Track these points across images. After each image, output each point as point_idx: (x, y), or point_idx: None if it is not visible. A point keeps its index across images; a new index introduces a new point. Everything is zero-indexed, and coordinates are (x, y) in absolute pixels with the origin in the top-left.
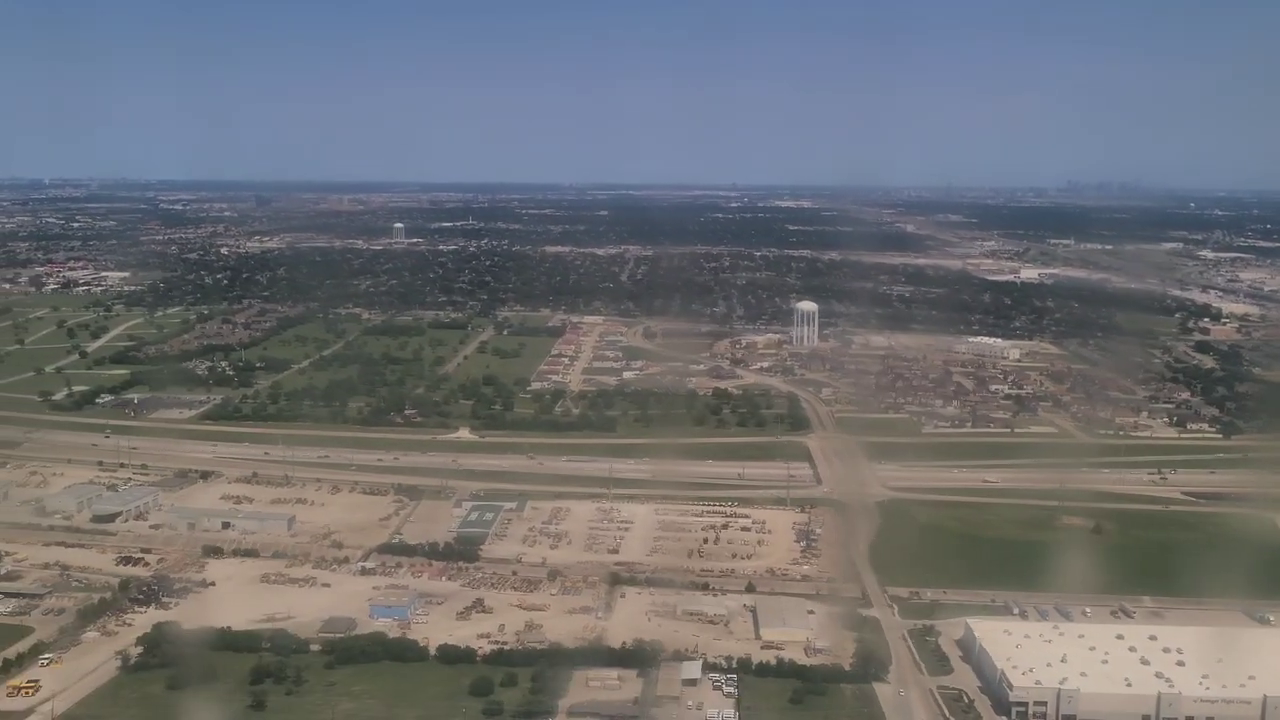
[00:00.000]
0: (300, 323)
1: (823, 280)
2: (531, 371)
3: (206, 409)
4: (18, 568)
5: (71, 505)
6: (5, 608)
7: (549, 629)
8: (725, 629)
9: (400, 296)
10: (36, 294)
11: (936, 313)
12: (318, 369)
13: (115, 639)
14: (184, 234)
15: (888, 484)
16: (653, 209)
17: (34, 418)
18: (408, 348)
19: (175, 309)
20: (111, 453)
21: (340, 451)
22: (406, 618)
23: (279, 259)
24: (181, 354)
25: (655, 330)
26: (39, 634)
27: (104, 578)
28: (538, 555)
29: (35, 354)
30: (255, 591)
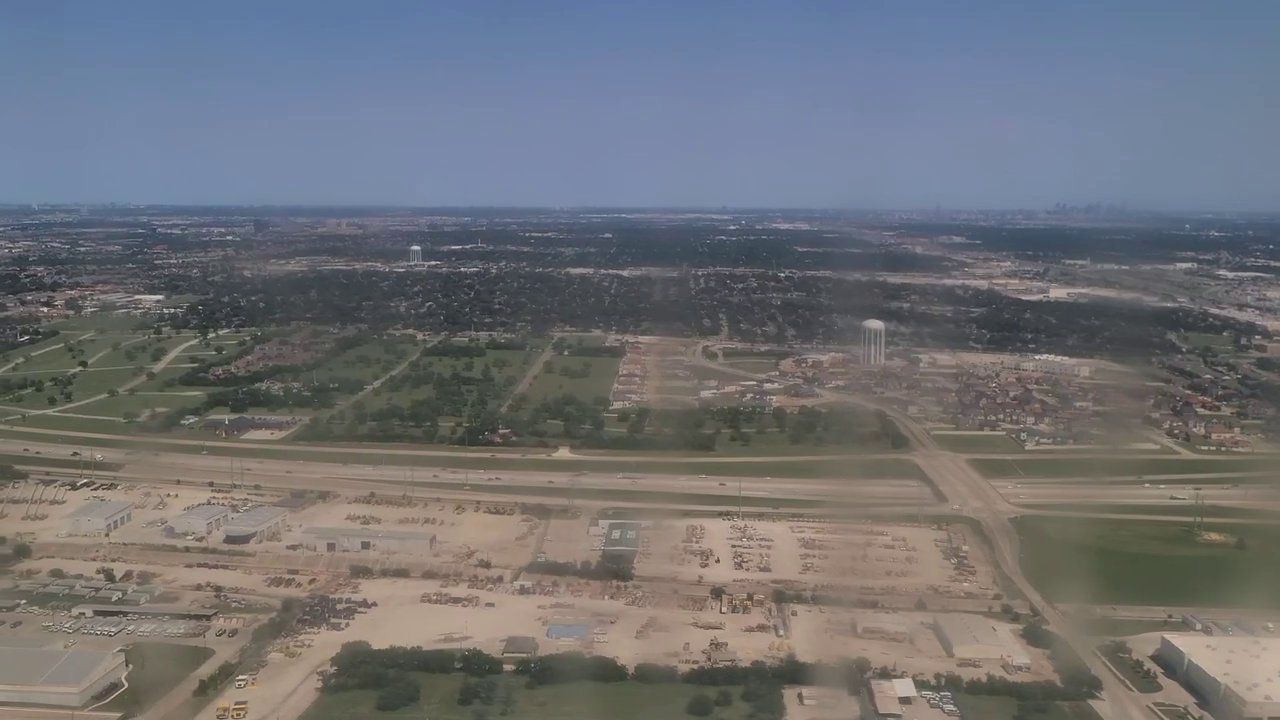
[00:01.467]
0: (357, 344)
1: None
2: (606, 391)
3: (295, 430)
4: (169, 589)
5: (201, 526)
6: (177, 629)
7: (734, 647)
8: (912, 646)
9: (446, 317)
10: (76, 317)
11: (987, 332)
12: (391, 389)
13: (300, 659)
14: (196, 258)
15: (1011, 500)
16: (654, 232)
17: (124, 439)
18: (474, 368)
19: (224, 331)
20: (221, 474)
21: (448, 471)
22: (586, 636)
23: (305, 281)
24: (252, 375)
25: (714, 350)
26: (220, 655)
27: (261, 598)
28: (691, 573)
29: (102, 376)
30: (420, 612)
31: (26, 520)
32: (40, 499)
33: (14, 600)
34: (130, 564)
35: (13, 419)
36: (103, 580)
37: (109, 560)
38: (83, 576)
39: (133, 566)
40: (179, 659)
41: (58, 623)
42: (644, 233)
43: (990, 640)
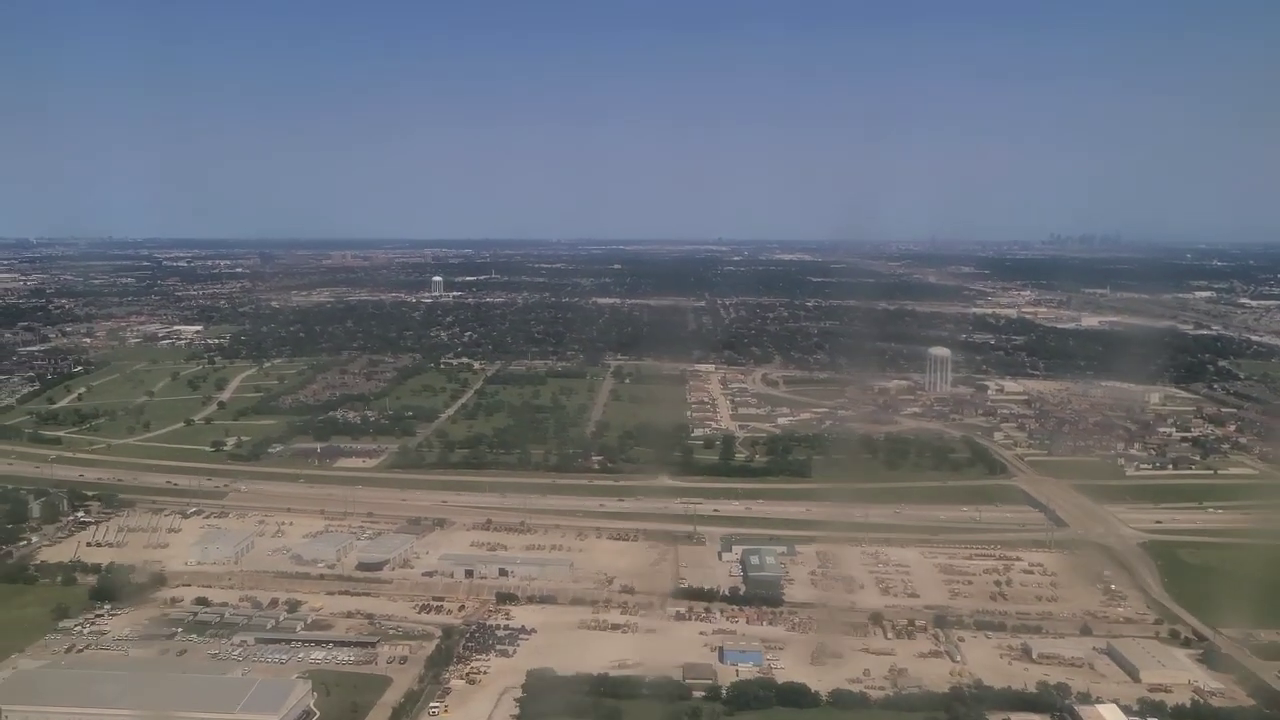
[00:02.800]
0: (415, 373)
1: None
2: (682, 418)
3: (386, 458)
4: (321, 616)
5: (330, 553)
6: (347, 656)
7: (916, 673)
8: (1093, 671)
9: (494, 347)
10: (121, 347)
11: (1039, 359)
12: (466, 417)
13: (482, 686)
14: (214, 289)
15: (1132, 525)
16: (660, 263)
17: (216, 468)
18: (541, 396)
19: (277, 360)
20: (324, 501)
21: (553, 498)
22: (761, 663)
23: (338, 312)
24: (324, 403)
25: (773, 378)
26: (400, 682)
27: (416, 625)
28: (840, 599)
29: (171, 406)
30: (582, 638)
31: (149, 548)
32: (156, 527)
33: (169, 629)
34: (268, 591)
35: (98, 448)
36: (250, 608)
37: (245, 588)
38: (229, 604)
39: (275, 594)
40: (360, 686)
41: (224, 651)
42: (651, 264)
43: (1174, 665)
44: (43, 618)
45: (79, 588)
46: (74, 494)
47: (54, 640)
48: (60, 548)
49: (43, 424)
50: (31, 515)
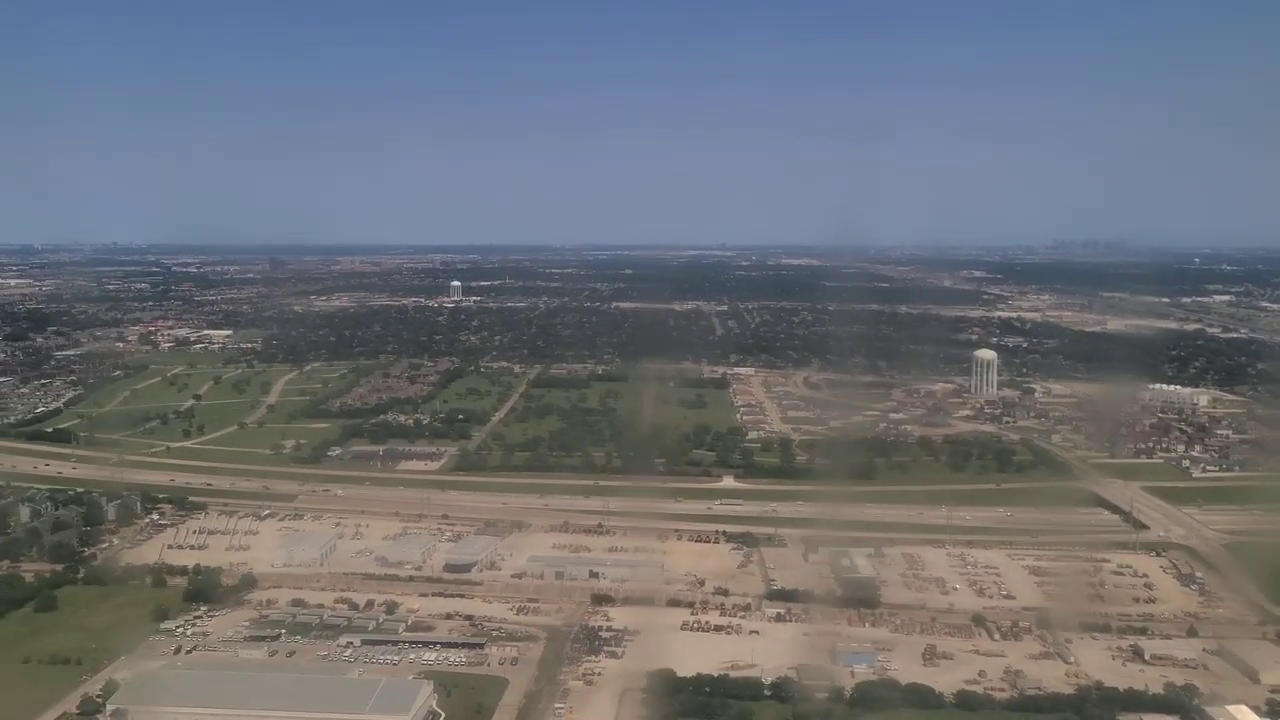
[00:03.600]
0: (457, 376)
1: (921, 332)
2: (732, 421)
3: (447, 461)
4: (420, 618)
5: (416, 555)
6: (459, 658)
7: (1033, 675)
8: (1209, 673)
9: (530, 351)
10: (155, 351)
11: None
12: (518, 420)
13: (600, 688)
14: (231, 294)
15: (1212, 527)
16: (670, 268)
17: (279, 470)
18: (587, 399)
19: (315, 364)
20: (394, 503)
21: (624, 501)
22: (875, 664)
23: (362, 316)
24: (374, 407)
25: (816, 381)
26: (517, 684)
27: (517, 627)
28: (937, 601)
29: (220, 409)
30: (687, 639)
31: (231, 551)
32: (234, 530)
33: (272, 630)
34: (359, 593)
35: (157, 451)
36: (347, 609)
37: (335, 590)
38: (324, 606)
39: (367, 596)
40: (477, 688)
41: (333, 652)
42: (661, 269)
43: None
44: (141, 619)
45: (169, 590)
46: (146, 497)
47: (158, 642)
48: (141, 550)
49: (95, 428)
50: (107, 518)
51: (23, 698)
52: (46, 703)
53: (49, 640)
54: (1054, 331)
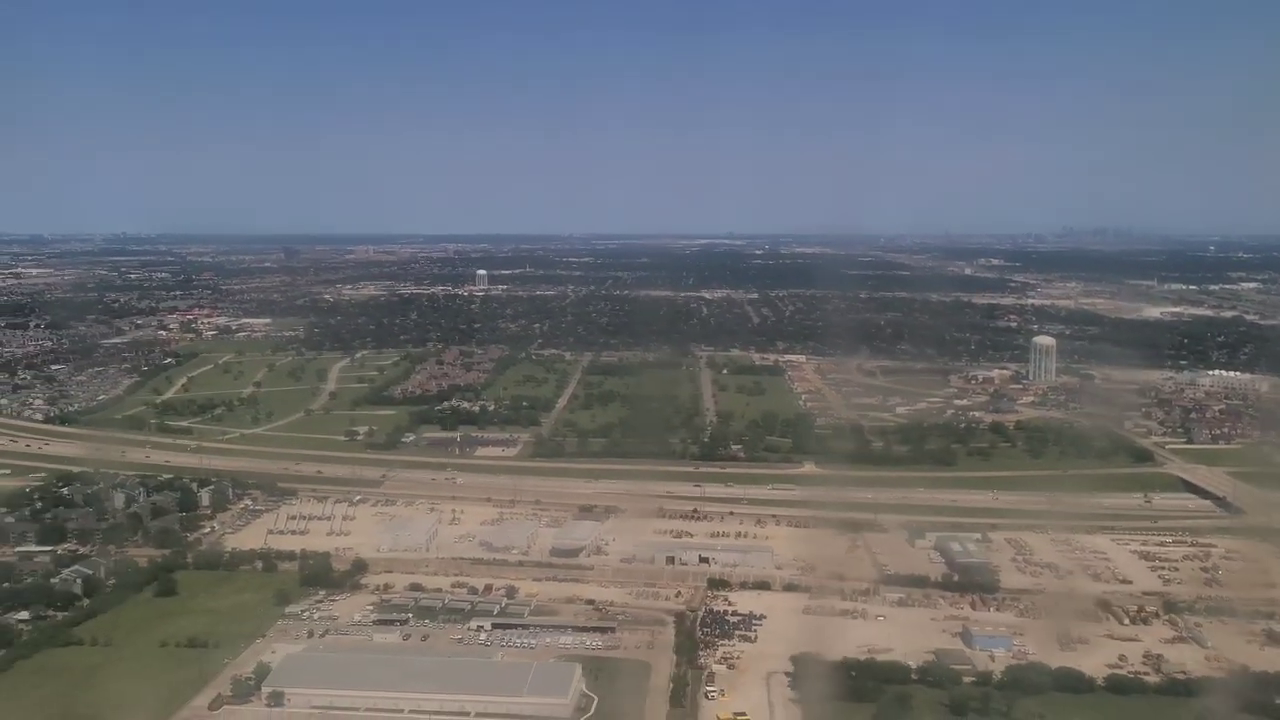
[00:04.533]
0: (510, 363)
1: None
2: (795, 408)
3: (522, 447)
4: (543, 603)
5: (521, 540)
6: (594, 641)
7: (1175, 660)
8: None
9: (576, 338)
10: (199, 340)
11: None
12: (580, 407)
13: (743, 671)
14: (253, 283)
15: None
16: (686, 256)
17: (358, 457)
18: (645, 386)
19: (363, 352)
20: (483, 489)
21: (709, 487)
22: (1011, 647)
23: (395, 304)
24: (437, 394)
25: (868, 368)
26: (658, 667)
27: (642, 611)
28: (1056, 586)
29: (282, 396)
30: (814, 623)
31: (332, 536)
32: (331, 515)
33: (398, 614)
34: (473, 578)
35: (230, 438)
36: (466, 594)
37: (445, 574)
38: (442, 590)
39: (485, 580)
40: (621, 671)
41: (467, 636)
42: (676, 257)
43: None
44: (264, 604)
45: (281, 575)
46: (236, 482)
47: (288, 626)
48: (242, 535)
49: (162, 415)
50: (201, 504)
51: (170, 680)
52: (195, 684)
53: (177, 624)
54: (1091, 318)
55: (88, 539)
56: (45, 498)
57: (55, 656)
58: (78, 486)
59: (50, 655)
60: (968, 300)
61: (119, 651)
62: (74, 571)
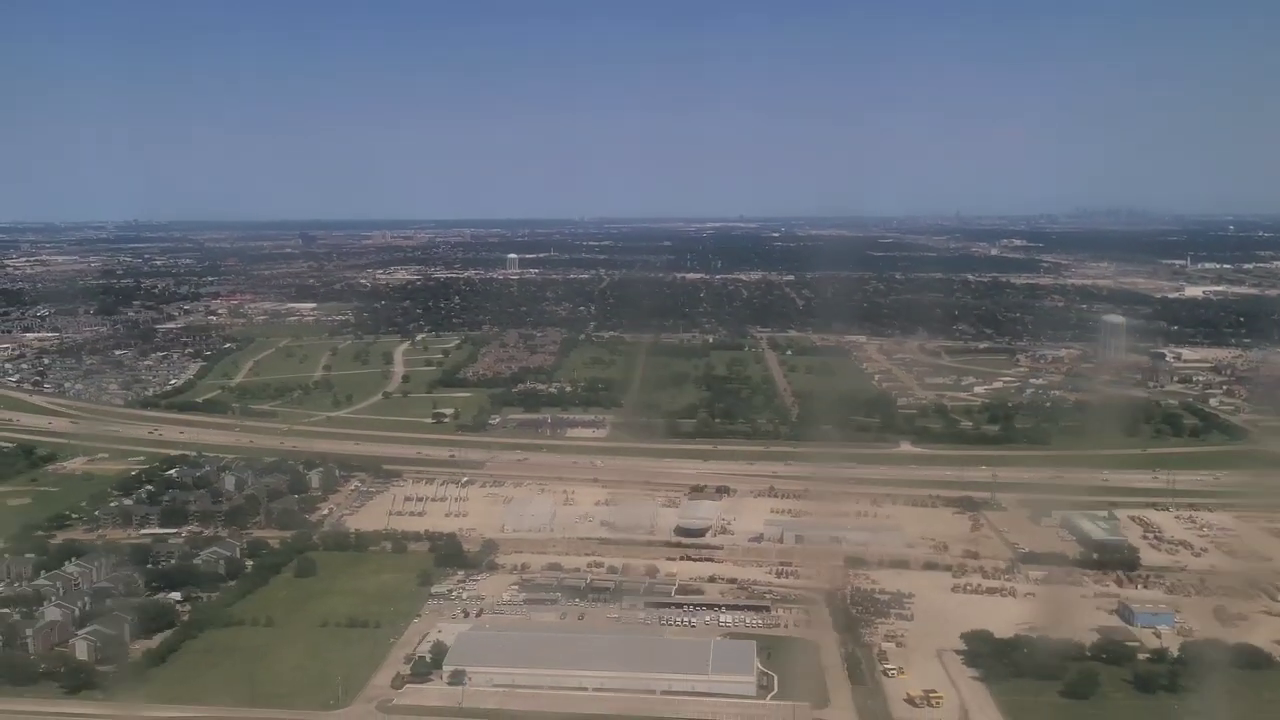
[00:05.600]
0: (573, 346)
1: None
2: (869, 388)
3: (610, 429)
4: (686, 582)
5: (644, 520)
6: (751, 619)
7: None
8: None
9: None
10: (251, 324)
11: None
12: (656, 388)
13: (912, 648)
14: (282, 269)
15: None
16: (704, 240)
17: (449, 439)
18: (714, 368)
19: (421, 335)
20: (583, 470)
21: (810, 466)
22: (1174, 624)
23: (434, 289)
24: (510, 376)
25: (932, 349)
26: (824, 645)
27: (788, 589)
28: (1195, 563)
29: (353, 380)
30: (964, 601)
31: (451, 517)
32: (444, 496)
33: (546, 594)
34: (606, 557)
35: (316, 420)
36: (606, 573)
37: (578, 554)
38: (579, 570)
39: (622, 560)
40: (789, 649)
41: (624, 615)
42: (694, 241)
43: None
44: (407, 584)
45: (412, 555)
46: (342, 464)
47: (440, 605)
48: (360, 516)
49: (240, 398)
50: (311, 486)
51: (343, 658)
52: (369, 663)
53: (328, 604)
54: (1137, 298)
55: (209, 521)
56: (153, 481)
57: (220, 636)
58: (185, 469)
59: (215, 635)
60: (1007, 280)
61: (282, 631)
62: (213, 553)
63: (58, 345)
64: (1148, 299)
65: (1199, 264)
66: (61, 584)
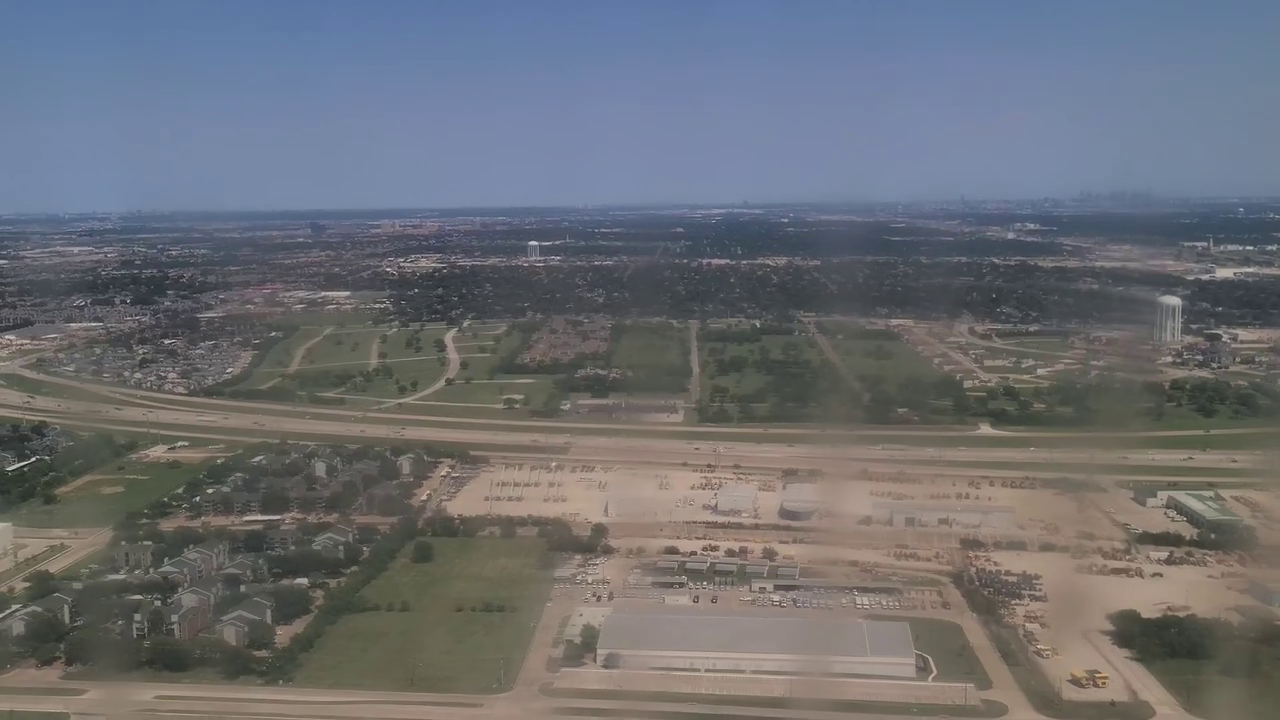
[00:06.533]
0: (623, 332)
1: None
2: (930, 371)
3: (684, 413)
4: (806, 565)
5: (746, 503)
6: (887, 602)
7: None
8: None
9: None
10: (290, 313)
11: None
12: (719, 373)
13: (1054, 630)
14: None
15: None
16: (712, 227)
17: (524, 424)
18: (770, 352)
19: (467, 323)
20: (666, 454)
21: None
22: None
23: (464, 277)
24: (569, 362)
25: (981, 332)
26: (967, 627)
27: (912, 571)
28: None
29: (411, 367)
30: (1094, 582)
31: (549, 502)
32: (538, 481)
33: (671, 578)
34: (719, 540)
35: (387, 408)
36: (722, 556)
37: (687, 538)
38: (695, 554)
39: (738, 543)
40: (933, 631)
41: (758, 597)
42: (705, 227)
43: None
44: (528, 568)
45: (520, 540)
46: (429, 450)
47: (568, 589)
48: (458, 502)
49: (302, 386)
50: (402, 472)
51: (490, 642)
52: (517, 646)
53: (454, 589)
54: (1168, 280)
55: (310, 508)
56: (240, 469)
57: (359, 621)
58: (274, 456)
59: (353, 620)
60: (1034, 264)
61: (419, 617)
62: (328, 539)
63: (105, 335)
64: (1181, 281)
65: (1221, 246)
66: (188, 570)
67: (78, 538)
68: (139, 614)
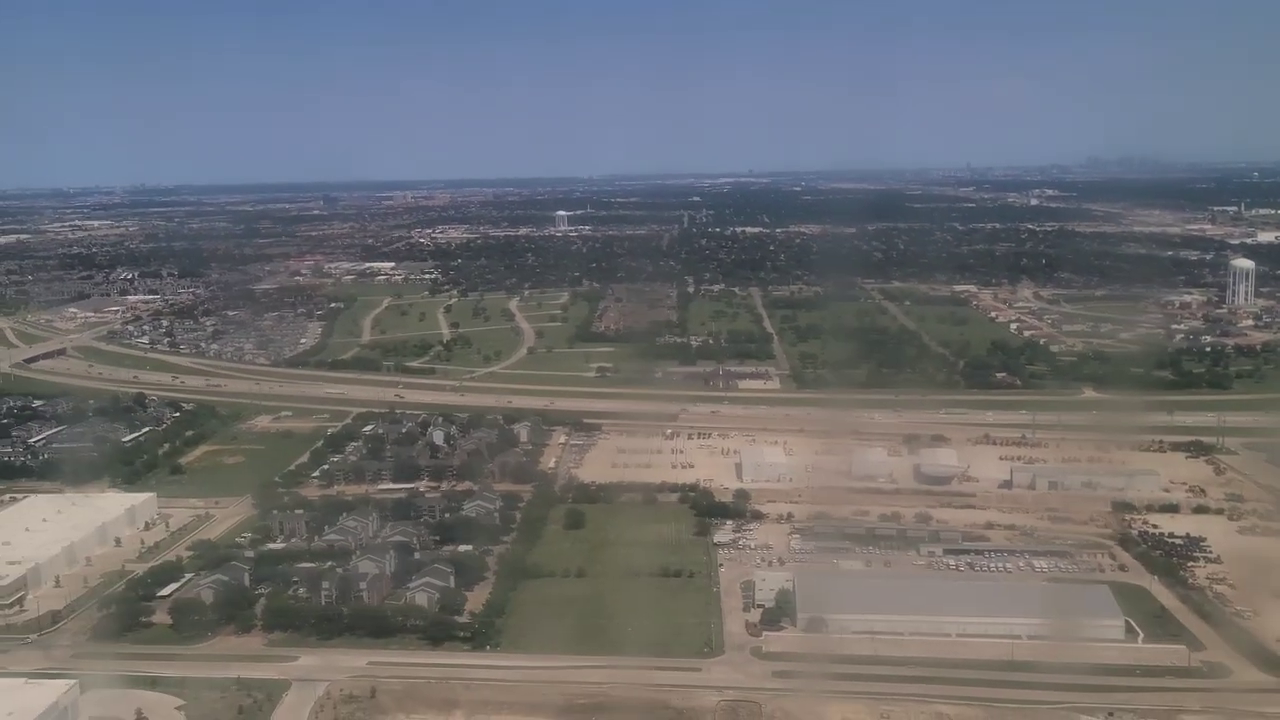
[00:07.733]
0: (689, 300)
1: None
2: (1006, 337)
3: (780, 380)
4: (967, 530)
5: (884, 469)
6: (1063, 565)
7: None
8: None
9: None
10: (341, 284)
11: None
12: (798, 340)
13: (1243, 591)
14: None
15: None
16: (728, 195)
17: (622, 392)
18: (841, 319)
19: (527, 292)
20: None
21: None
22: None
23: (503, 247)
24: (644, 330)
25: (1049, 297)
26: (1156, 590)
27: (1072, 535)
28: None
29: (486, 336)
30: (1260, 544)
31: (677, 469)
32: (660, 449)
33: (835, 543)
34: (868, 506)
35: (479, 376)
36: (877, 520)
37: (829, 504)
38: (848, 519)
39: (891, 508)
40: (1118, 593)
41: (933, 562)
42: (721, 196)
43: None
44: (682, 534)
45: (663, 506)
46: (543, 418)
47: (733, 554)
48: (584, 469)
49: (385, 356)
50: (520, 439)
51: (681, 607)
52: (710, 611)
53: (620, 554)
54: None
55: (440, 476)
56: (356, 438)
57: (540, 587)
58: (388, 425)
59: (534, 586)
60: (1074, 228)
61: (598, 582)
62: (478, 506)
63: (165, 308)
64: (1225, 245)
65: (1253, 210)
66: (352, 538)
67: (219, 507)
68: (327, 581)
